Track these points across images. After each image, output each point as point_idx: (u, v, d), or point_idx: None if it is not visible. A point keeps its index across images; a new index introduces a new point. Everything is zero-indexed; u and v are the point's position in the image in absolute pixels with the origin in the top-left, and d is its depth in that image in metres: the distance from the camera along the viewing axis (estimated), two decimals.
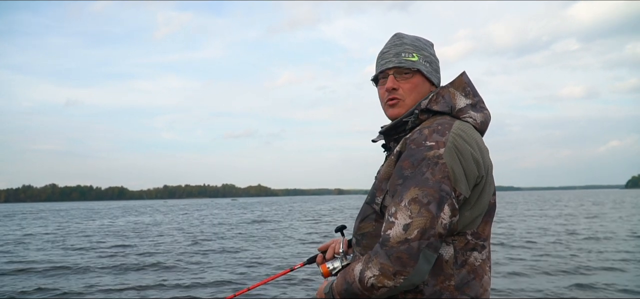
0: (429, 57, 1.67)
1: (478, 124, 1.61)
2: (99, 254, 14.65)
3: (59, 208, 78.81)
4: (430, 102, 1.60)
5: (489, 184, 1.55)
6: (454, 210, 1.43)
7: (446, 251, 1.50)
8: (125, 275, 11.04)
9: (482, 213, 1.54)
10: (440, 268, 1.49)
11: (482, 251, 1.55)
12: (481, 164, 1.50)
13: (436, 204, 1.40)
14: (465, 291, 1.50)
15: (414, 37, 1.70)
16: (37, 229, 26.95)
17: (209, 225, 27.73)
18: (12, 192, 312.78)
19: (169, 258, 13.32)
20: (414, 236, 1.37)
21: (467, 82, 1.64)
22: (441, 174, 1.42)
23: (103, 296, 8.95)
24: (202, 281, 10.08)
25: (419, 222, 1.38)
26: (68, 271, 11.73)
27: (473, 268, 1.52)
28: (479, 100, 1.65)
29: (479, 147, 1.53)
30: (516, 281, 9.48)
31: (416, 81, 1.65)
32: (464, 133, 1.51)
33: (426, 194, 1.40)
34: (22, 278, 10.96)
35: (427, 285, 1.48)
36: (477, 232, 1.54)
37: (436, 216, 1.39)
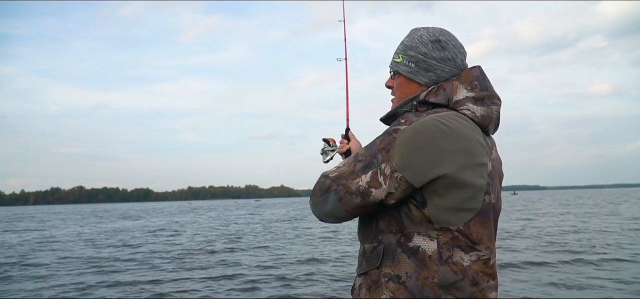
0: (415, 57, 1.63)
1: (477, 117, 1.54)
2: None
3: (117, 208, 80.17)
4: (429, 94, 1.57)
5: (472, 177, 1.47)
6: (375, 181, 1.46)
7: (429, 246, 1.45)
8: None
9: (467, 210, 1.46)
10: (423, 263, 1.45)
11: (471, 253, 1.47)
12: (446, 157, 1.43)
13: (363, 165, 1.50)
14: (451, 291, 1.44)
15: (416, 35, 1.66)
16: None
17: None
18: (41, 195, 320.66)
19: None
20: (332, 176, 1.54)
21: (476, 75, 1.58)
22: (384, 145, 1.47)
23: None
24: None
25: (341, 169, 1.54)
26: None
27: (461, 268, 1.46)
28: (487, 94, 1.58)
29: (460, 138, 1.46)
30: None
31: (399, 81, 1.68)
32: (443, 122, 1.46)
33: (363, 154, 1.52)
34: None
35: (410, 278, 1.46)
36: (466, 231, 1.47)
37: (355, 173, 1.50)
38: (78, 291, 9.58)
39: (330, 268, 11.39)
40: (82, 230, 28.03)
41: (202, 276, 10.79)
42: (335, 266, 11.66)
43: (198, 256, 14.18)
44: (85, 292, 9.44)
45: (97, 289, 9.67)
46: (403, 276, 1.47)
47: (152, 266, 12.50)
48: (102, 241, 20.44)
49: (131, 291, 9.37)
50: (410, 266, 1.47)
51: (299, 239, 18.94)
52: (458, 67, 1.62)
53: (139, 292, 9.28)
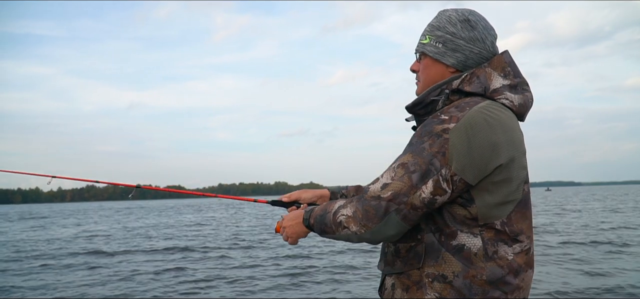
0: (442, 37, 1.57)
1: (515, 106, 1.52)
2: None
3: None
4: (463, 82, 1.52)
5: (517, 170, 1.45)
6: (439, 188, 1.39)
7: (473, 244, 1.44)
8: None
9: (511, 202, 1.45)
10: (469, 261, 1.43)
11: (514, 245, 1.46)
12: (500, 149, 1.41)
13: (420, 175, 1.39)
14: (498, 286, 1.43)
15: (445, 15, 1.60)
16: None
17: None
18: (77, 192, 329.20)
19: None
20: (386, 196, 1.40)
21: (508, 61, 1.55)
22: (438, 147, 1.39)
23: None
24: None
25: (395, 186, 1.40)
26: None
27: (506, 262, 1.44)
28: (520, 81, 1.55)
29: (505, 130, 1.43)
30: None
31: (425, 63, 1.63)
32: (488, 113, 1.42)
33: (415, 163, 1.40)
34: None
35: (457, 277, 1.43)
36: (509, 224, 1.45)
37: (415, 186, 1.39)
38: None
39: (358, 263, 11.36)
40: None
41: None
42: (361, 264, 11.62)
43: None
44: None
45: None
46: (449, 276, 1.44)
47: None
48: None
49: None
50: (457, 265, 1.44)
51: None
52: (487, 49, 1.57)
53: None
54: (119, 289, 9.38)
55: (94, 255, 14.54)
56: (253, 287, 9.20)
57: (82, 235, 22.33)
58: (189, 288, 9.35)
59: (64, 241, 19.72)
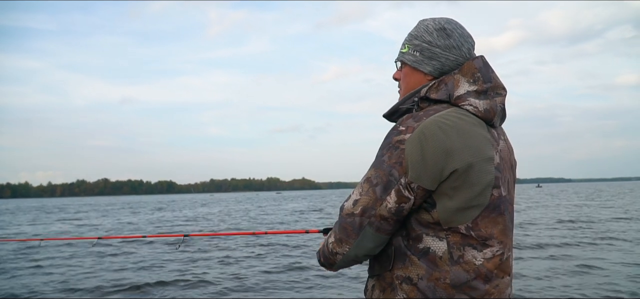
0: (419, 46, 1.61)
1: (480, 112, 1.52)
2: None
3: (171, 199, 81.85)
4: (430, 90, 1.56)
5: (478, 174, 1.45)
6: (402, 197, 1.43)
7: (438, 247, 1.45)
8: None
9: (475, 207, 1.45)
10: (434, 264, 1.45)
11: (484, 250, 1.46)
12: (454, 155, 1.42)
13: (382, 187, 1.45)
14: (464, 290, 1.44)
15: (423, 24, 1.64)
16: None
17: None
18: (67, 187, 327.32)
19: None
20: (358, 211, 1.47)
21: (478, 67, 1.55)
22: (395, 159, 1.44)
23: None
24: None
25: (363, 201, 1.47)
26: None
27: (473, 267, 1.45)
28: (490, 86, 1.55)
29: (462, 136, 1.44)
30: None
31: (405, 71, 1.67)
32: (443, 121, 1.44)
33: (377, 176, 1.47)
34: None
35: (422, 279, 1.46)
36: (475, 228, 1.45)
37: (379, 198, 1.45)
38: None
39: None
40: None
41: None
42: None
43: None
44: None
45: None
46: (415, 278, 1.47)
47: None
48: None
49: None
50: (422, 268, 1.47)
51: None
52: (464, 56, 1.59)
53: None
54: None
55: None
56: (242, 283, 9.19)
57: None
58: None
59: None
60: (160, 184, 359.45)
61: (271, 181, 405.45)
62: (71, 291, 8.93)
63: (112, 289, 8.89)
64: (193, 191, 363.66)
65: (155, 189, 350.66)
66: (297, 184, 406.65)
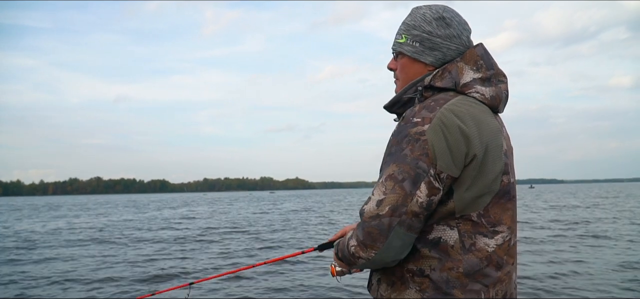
0: (419, 37, 1.58)
1: (487, 99, 1.51)
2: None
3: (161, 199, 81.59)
4: (434, 78, 1.53)
5: (492, 161, 1.44)
6: (433, 188, 1.39)
7: (450, 236, 1.43)
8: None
9: (487, 193, 1.44)
10: (446, 253, 1.43)
11: (495, 237, 1.45)
12: (473, 141, 1.40)
13: (411, 181, 1.38)
14: (478, 278, 1.42)
15: (419, 13, 1.60)
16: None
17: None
18: (59, 185, 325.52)
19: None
20: (385, 212, 1.38)
21: (480, 54, 1.55)
22: (420, 150, 1.39)
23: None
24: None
25: (390, 199, 1.38)
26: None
27: (485, 255, 1.43)
28: (493, 73, 1.55)
29: (477, 123, 1.43)
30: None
31: (403, 62, 1.63)
32: (457, 108, 1.43)
33: (402, 171, 1.39)
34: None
35: (434, 270, 1.43)
36: (486, 215, 1.44)
37: (410, 193, 1.37)
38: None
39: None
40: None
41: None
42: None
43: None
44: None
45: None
46: (427, 270, 1.44)
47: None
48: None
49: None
50: (433, 259, 1.44)
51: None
52: (464, 45, 1.58)
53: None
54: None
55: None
56: (245, 273, 9.16)
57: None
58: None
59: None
60: (153, 183, 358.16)
61: (265, 180, 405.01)
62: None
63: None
64: (186, 190, 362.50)
65: (148, 188, 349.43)
66: (290, 184, 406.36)
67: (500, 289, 1.47)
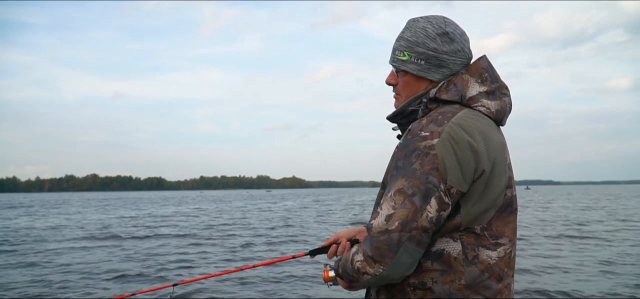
0: (424, 54, 1.54)
1: (492, 112, 1.51)
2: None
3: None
4: (440, 91, 1.52)
5: (498, 176, 1.45)
6: (443, 204, 1.37)
7: (453, 248, 1.43)
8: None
9: (492, 208, 1.45)
10: (449, 266, 1.43)
11: (498, 249, 1.46)
12: (482, 156, 1.41)
13: (421, 196, 1.36)
14: (479, 290, 1.43)
15: (419, 27, 1.57)
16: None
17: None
18: (56, 182, 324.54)
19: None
20: (394, 227, 1.35)
21: (485, 67, 1.54)
22: (430, 165, 1.37)
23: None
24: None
25: (400, 214, 1.36)
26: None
27: (487, 267, 1.44)
28: (498, 86, 1.55)
29: (484, 138, 1.43)
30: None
31: (407, 80, 1.60)
32: (465, 122, 1.43)
33: (412, 186, 1.37)
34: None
35: (436, 283, 1.43)
36: (489, 228, 1.45)
37: (420, 209, 1.35)
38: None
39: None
40: None
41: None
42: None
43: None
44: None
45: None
46: (429, 282, 1.44)
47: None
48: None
49: None
50: (436, 271, 1.44)
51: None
52: (467, 57, 1.58)
53: None
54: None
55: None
56: (240, 277, 9.17)
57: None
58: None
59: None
60: (149, 181, 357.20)
61: (261, 178, 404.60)
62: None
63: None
64: (183, 187, 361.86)
65: (145, 185, 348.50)
66: (287, 183, 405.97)
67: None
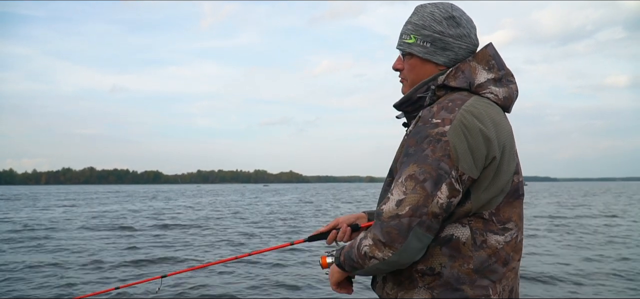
0: (430, 37, 1.56)
1: (500, 99, 1.52)
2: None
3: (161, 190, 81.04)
4: (448, 78, 1.53)
5: (507, 163, 1.47)
6: (454, 190, 1.38)
7: (462, 233, 1.45)
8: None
9: (501, 193, 1.47)
10: (458, 250, 1.44)
11: (505, 234, 1.48)
12: (493, 143, 1.42)
13: (432, 182, 1.37)
14: (486, 274, 1.44)
15: (427, 12, 1.58)
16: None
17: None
18: (52, 175, 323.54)
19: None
20: (405, 212, 1.36)
21: (492, 54, 1.56)
22: (442, 152, 1.38)
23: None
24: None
25: (411, 199, 1.36)
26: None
27: (494, 251, 1.46)
28: (504, 73, 1.56)
29: (495, 125, 1.45)
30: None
31: (413, 62, 1.60)
32: (476, 109, 1.44)
33: (423, 171, 1.37)
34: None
35: (445, 267, 1.44)
36: (497, 213, 1.47)
37: (431, 194, 1.36)
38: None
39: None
40: None
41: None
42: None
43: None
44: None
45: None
46: (437, 267, 1.45)
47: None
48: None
49: None
50: (444, 256, 1.45)
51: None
52: (473, 43, 1.59)
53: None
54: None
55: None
56: (243, 268, 9.17)
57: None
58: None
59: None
60: (146, 174, 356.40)
61: (259, 173, 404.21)
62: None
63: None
64: (180, 181, 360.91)
65: (142, 179, 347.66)
66: (284, 177, 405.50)
67: (507, 285, 1.49)
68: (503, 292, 1.48)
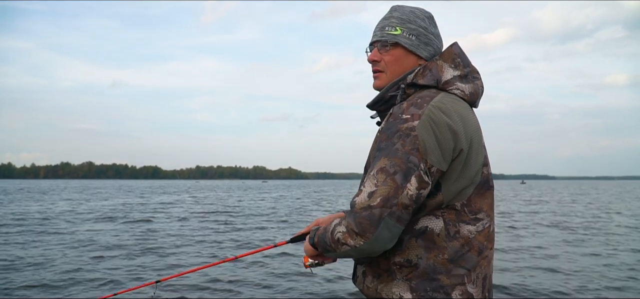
0: (415, 31, 1.65)
1: (467, 95, 1.61)
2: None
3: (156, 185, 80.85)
4: (416, 76, 1.61)
5: (475, 155, 1.54)
6: (423, 182, 1.45)
7: (436, 224, 1.51)
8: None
9: (470, 185, 1.54)
10: (433, 242, 1.51)
11: (477, 224, 1.55)
12: (460, 136, 1.49)
13: (402, 174, 1.43)
14: (460, 263, 1.51)
15: (407, 10, 1.69)
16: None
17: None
18: (51, 169, 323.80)
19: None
20: (376, 203, 1.42)
21: (457, 53, 1.64)
22: (411, 145, 1.45)
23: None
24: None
25: (382, 191, 1.43)
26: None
27: (467, 241, 1.53)
28: (470, 70, 1.65)
29: (462, 119, 1.52)
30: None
31: (397, 53, 1.66)
32: (444, 105, 1.51)
33: (393, 164, 1.44)
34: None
35: (421, 259, 1.51)
36: (469, 204, 1.54)
37: (401, 186, 1.42)
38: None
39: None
40: None
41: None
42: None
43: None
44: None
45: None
46: (414, 259, 1.52)
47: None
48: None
49: None
50: (420, 248, 1.52)
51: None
52: (442, 44, 1.70)
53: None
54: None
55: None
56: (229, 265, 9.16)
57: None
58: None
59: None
60: (145, 169, 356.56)
61: (257, 169, 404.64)
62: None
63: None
64: (178, 177, 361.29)
65: (140, 174, 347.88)
66: (283, 174, 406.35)
67: (480, 272, 1.56)
68: (477, 279, 1.54)
